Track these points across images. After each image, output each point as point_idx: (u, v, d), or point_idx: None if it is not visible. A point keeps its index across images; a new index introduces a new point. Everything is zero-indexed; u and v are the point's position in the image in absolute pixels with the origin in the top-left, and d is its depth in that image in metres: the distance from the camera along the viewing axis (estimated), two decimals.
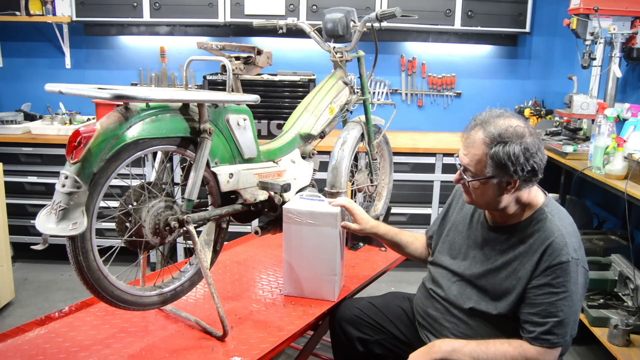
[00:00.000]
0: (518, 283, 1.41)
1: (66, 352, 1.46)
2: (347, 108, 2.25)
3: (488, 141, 1.37)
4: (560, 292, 1.35)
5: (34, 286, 3.28)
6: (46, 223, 1.24)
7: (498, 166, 1.36)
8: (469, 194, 1.47)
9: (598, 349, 2.58)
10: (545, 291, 1.37)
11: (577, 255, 1.38)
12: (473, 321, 1.50)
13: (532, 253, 1.41)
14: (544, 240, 1.39)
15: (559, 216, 1.44)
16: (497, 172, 1.37)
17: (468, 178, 1.43)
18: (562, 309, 1.35)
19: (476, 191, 1.44)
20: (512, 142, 1.34)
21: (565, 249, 1.36)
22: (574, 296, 1.36)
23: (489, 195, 1.42)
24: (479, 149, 1.38)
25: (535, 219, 1.44)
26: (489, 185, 1.40)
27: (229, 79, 1.66)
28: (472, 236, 1.58)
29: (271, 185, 1.74)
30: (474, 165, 1.40)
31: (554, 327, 1.35)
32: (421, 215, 3.50)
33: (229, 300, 1.81)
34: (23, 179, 3.42)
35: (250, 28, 2.75)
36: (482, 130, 1.39)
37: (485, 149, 1.37)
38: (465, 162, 1.42)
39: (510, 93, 4.03)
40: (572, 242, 1.39)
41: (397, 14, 1.95)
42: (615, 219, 3.21)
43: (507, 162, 1.34)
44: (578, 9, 2.92)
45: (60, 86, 1.26)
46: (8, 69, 3.91)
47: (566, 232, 1.40)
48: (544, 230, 1.41)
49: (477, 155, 1.39)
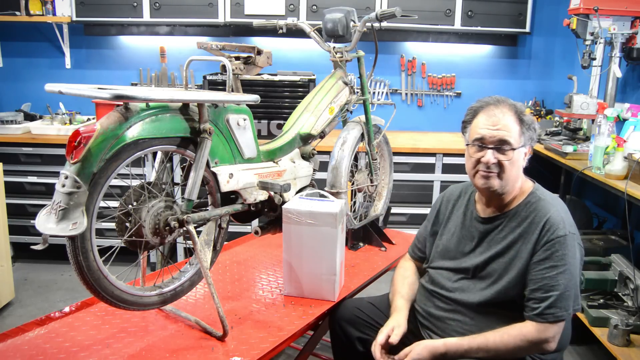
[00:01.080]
0: (521, 262, 1.45)
1: (66, 352, 1.46)
2: (347, 108, 2.25)
3: (517, 112, 1.48)
4: (559, 265, 1.40)
5: (34, 286, 3.28)
6: (46, 223, 1.24)
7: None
8: (502, 174, 1.47)
9: (598, 349, 2.58)
10: (546, 265, 1.41)
11: (574, 231, 1.45)
12: (479, 317, 1.50)
13: (531, 232, 1.46)
14: (541, 217, 1.46)
15: (550, 197, 1.53)
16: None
17: (509, 150, 1.46)
18: (563, 282, 1.40)
19: (512, 166, 1.47)
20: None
21: (562, 224, 1.43)
22: (573, 269, 1.41)
23: (518, 167, 1.49)
24: (510, 120, 1.47)
25: (529, 202, 1.52)
26: (520, 155, 1.48)
27: (229, 79, 1.66)
28: (468, 234, 1.60)
29: (271, 185, 1.74)
30: (511, 135, 1.46)
31: (556, 301, 1.39)
32: (421, 215, 3.50)
33: (229, 300, 1.81)
34: (23, 179, 3.42)
35: (250, 28, 2.75)
36: (502, 106, 1.48)
37: (517, 119, 1.47)
38: (503, 135, 1.46)
39: (510, 93, 3.99)
40: (567, 218, 1.47)
41: (397, 14, 1.95)
42: (615, 219, 3.21)
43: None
44: (578, 9, 2.92)
45: (60, 86, 1.26)
46: (8, 69, 3.91)
47: (561, 209, 1.48)
48: (540, 210, 1.48)
49: (509, 126, 1.46)
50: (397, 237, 2.49)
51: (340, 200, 1.88)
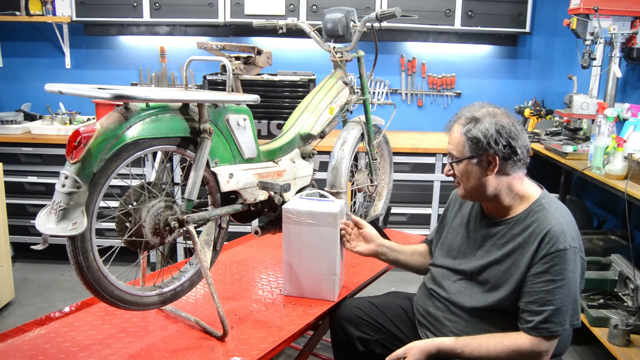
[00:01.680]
0: (518, 273, 1.43)
1: (66, 352, 1.46)
2: (347, 108, 2.25)
3: (463, 122, 1.48)
4: (557, 279, 1.37)
5: (34, 286, 3.28)
6: (46, 223, 1.24)
7: (474, 143, 1.44)
8: (460, 184, 1.54)
9: (598, 349, 2.58)
10: (543, 279, 1.38)
11: (575, 244, 1.40)
12: (474, 319, 1.50)
13: (530, 243, 1.43)
14: (542, 229, 1.41)
15: (555, 207, 1.47)
16: (474, 151, 1.45)
17: (453, 162, 1.51)
18: (560, 297, 1.36)
19: (462, 177, 1.50)
20: (484, 120, 1.44)
21: (563, 237, 1.38)
22: (571, 284, 1.37)
23: (475, 178, 1.48)
24: (457, 132, 1.49)
25: (532, 211, 1.47)
26: (471, 166, 1.47)
27: (229, 79, 1.66)
28: (472, 235, 1.60)
29: (271, 185, 1.74)
30: (455, 148, 1.49)
31: (551, 316, 1.36)
32: (421, 215, 3.50)
33: (229, 300, 1.81)
34: (23, 179, 3.42)
35: (250, 28, 2.75)
36: (460, 117, 1.51)
37: (461, 129, 1.48)
38: (449, 149, 1.52)
39: (510, 93, 4.03)
40: (569, 231, 1.41)
41: (397, 14, 1.95)
42: (615, 219, 3.22)
43: (481, 138, 1.43)
44: (578, 9, 2.92)
45: (60, 86, 1.26)
46: (8, 69, 3.91)
47: (564, 221, 1.42)
48: (542, 220, 1.43)
49: (456, 138, 1.49)
50: (397, 237, 2.48)
51: (340, 200, 1.88)
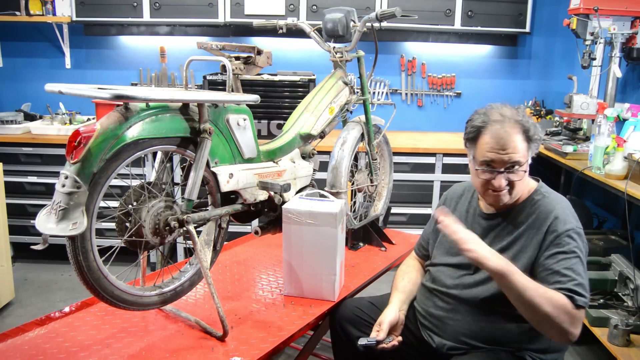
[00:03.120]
0: (526, 257, 1.45)
1: (66, 352, 1.46)
2: (347, 108, 2.25)
3: (522, 127, 1.44)
4: (572, 257, 1.39)
5: (34, 286, 3.28)
6: (46, 223, 1.24)
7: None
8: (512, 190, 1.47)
9: (598, 349, 2.58)
10: (559, 258, 1.39)
11: (580, 226, 1.45)
12: (480, 315, 1.49)
13: (537, 227, 1.46)
14: (548, 213, 1.46)
15: (555, 194, 1.54)
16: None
17: (520, 170, 1.44)
18: (578, 271, 1.36)
19: (520, 182, 1.47)
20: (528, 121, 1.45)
21: (569, 219, 1.44)
22: (583, 261, 1.40)
23: (525, 179, 1.48)
24: (519, 140, 1.43)
25: (533, 199, 1.52)
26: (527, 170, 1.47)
27: (229, 79, 1.66)
28: (471, 230, 1.57)
29: (271, 185, 1.74)
30: (520, 154, 1.44)
31: (576, 286, 1.33)
32: (421, 215, 3.50)
33: (229, 300, 1.81)
34: (23, 179, 3.42)
35: (250, 28, 2.75)
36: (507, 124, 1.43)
37: (523, 137, 1.44)
38: (515, 158, 1.43)
39: (510, 93, 4.03)
40: (573, 214, 1.47)
41: (397, 14, 1.95)
42: (615, 219, 3.21)
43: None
44: (578, 9, 2.92)
45: (60, 86, 1.26)
46: (8, 69, 3.91)
47: (566, 206, 1.49)
48: (545, 206, 1.48)
49: (521, 145, 1.44)
50: (397, 237, 2.49)
51: (340, 200, 1.88)
